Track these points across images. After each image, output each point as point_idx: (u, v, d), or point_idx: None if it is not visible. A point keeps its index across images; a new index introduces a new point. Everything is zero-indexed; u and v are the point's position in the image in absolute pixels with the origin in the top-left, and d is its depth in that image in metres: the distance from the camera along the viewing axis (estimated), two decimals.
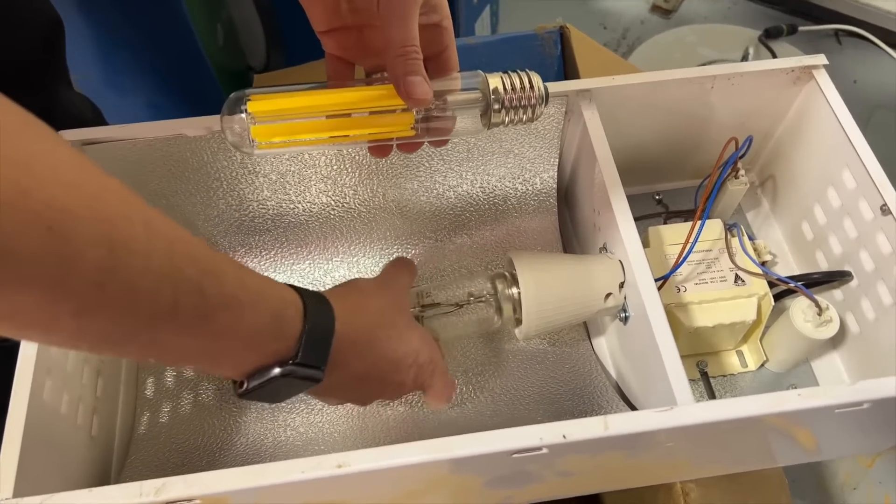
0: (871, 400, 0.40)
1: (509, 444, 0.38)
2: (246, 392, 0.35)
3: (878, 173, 0.49)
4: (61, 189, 0.24)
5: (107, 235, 0.25)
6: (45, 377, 0.42)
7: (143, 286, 0.26)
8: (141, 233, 0.26)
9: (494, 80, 0.41)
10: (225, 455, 0.50)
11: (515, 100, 0.41)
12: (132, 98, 0.94)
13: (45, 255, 0.23)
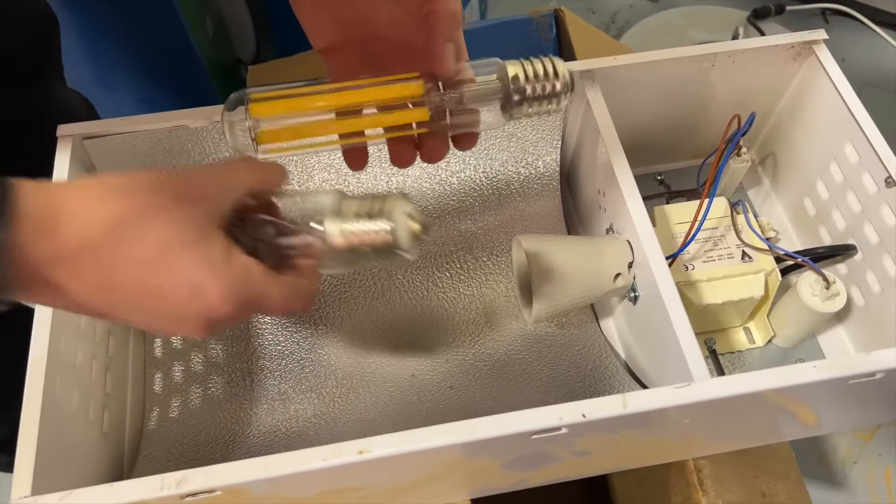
0: (885, 370, 0.40)
1: (529, 425, 0.38)
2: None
3: (881, 146, 0.49)
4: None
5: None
6: (56, 374, 0.41)
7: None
8: None
9: (514, 67, 0.39)
10: (238, 447, 0.50)
11: (539, 88, 0.39)
12: (123, 93, 0.94)
13: None
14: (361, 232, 0.35)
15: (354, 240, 0.36)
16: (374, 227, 0.35)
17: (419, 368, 0.53)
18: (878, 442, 0.90)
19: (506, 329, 0.56)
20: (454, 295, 0.57)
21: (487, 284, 0.57)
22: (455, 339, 0.55)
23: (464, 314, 0.56)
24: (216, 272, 0.31)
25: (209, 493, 0.37)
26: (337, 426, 0.50)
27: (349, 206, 0.36)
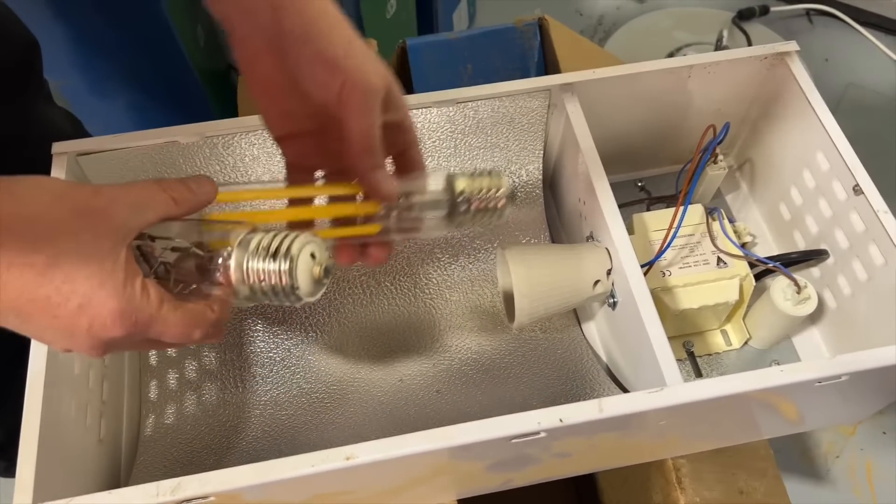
0: (850, 372, 0.42)
1: (508, 430, 0.39)
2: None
3: (849, 155, 0.51)
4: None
5: None
6: (55, 383, 0.43)
7: None
8: None
9: (461, 182, 0.41)
10: (231, 452, 0.52)
11: (482, 202, 0.41)
12: (114, 101, 0.95)
13: None
14: (260, 269, 0.35)
15: (252, 276, 0.35)
16: (273, 267, 0.35)
17: (406, 374, 0.55)
18: (860, 437, 0.92)
19: (491, 334, 0.57)
20: (441, 301, 0.58)
21: (473, 290, 0.59)
22: (441, 345, 0.57)
23: (450, 320, 0.58)
24: (109, 289, 0.31)
25: (203, 499, 0.38)
26: (327, 431, 0.52)
27: (257, 241, 0.35)
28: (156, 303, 0.33)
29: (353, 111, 0.36)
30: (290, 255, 0.35)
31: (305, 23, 0.36)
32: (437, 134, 0.56)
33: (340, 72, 0.36)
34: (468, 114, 0.55)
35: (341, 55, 0.36)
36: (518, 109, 0.55)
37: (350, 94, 0.36)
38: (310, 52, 0.36)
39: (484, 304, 0.58)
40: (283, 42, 0.36)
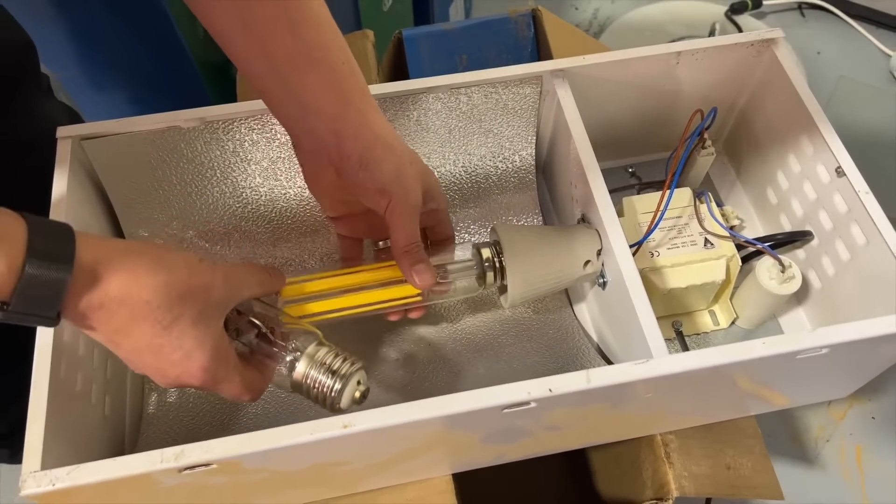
0: (829, 345, 0.43)
1: (500, 400, 0.41)
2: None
3: (832, 139, 0.52)
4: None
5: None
6: (61, 358, 0.44)
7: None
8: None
9: (486, 250, 0.52)
10: (232, 430, 0.53)
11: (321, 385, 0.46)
12: (115, 94, 0.96)
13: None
14: (317, 380, 0.44)
15: (309, 381, 0.44)
16: (328, 382, 0.44)
17: (403, 352, 0.56)
18: (850, 421, 0.94)
19: (485, 314, 0.59)
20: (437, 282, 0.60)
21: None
22: (438, 324, 0.58)
23: (446, 300, 0.59)
24: (205, 349, 0.40)
25: (206, 467, 0.40)
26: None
27: (322, 354, 0.45)
28: (232, 367, 0.42)
29: (397, 223, 0.45)
30: (344, 377, 0.44)
31: (361, 149, 0.44)
32: (432, 121, 0.57)
33: (388, 194, 0.44)
34: (462, 100, 0.56)
35: (389, 181, 0.44)
36: (511, 95, 0.57)
37: (394, 210, 0.45)
38: (364, 177, 0.44)
39: (472, 282, 0.60)
40: (342, 163, 0.44)
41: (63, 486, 0.38)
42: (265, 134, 0.55)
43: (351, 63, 0.45)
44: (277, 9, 0.41)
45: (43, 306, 0.34)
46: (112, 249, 0.37)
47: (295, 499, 0.50)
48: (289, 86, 0.43)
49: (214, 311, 0.41)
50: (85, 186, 0.53)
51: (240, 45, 0.43)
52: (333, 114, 0.43)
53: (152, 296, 0.37)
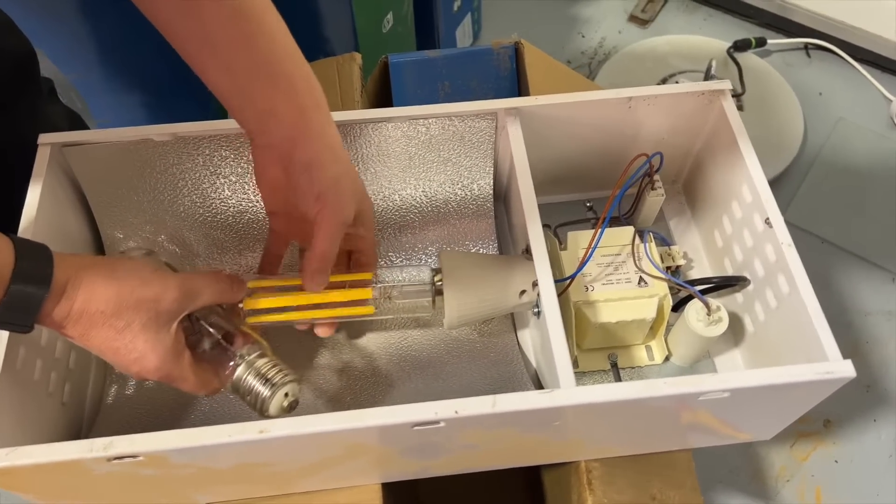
0: (730, 389, 0.45)
1: (409, 417, 0.44)
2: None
3: (764, 190, 0.54)
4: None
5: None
6: (20, 346, 0.48)
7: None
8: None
9: (427, 275, 0.56)
10: (183, 423, 0.57)
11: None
12: (125, 98, 1.01)
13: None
14: (250, 388, 0.49)
15: (242, 387, 0.49)
16: (260, 389, 0.49)
17: (346, 360, 0.60)
18: (813, 463, 0.95)
19: (432, 333, 0.62)
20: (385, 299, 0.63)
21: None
22: (386, 338, 0.62)
23: (397, 316, 0.62)
24: (157, 351, 0.45)
25: (133, 458, 0.43)
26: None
27: (260, 364, 0.49)
28: (185, 367, 0.47)
29: (321, 232, 0.49)
30: (275, 386, 0.49)
31: (310, 156, 0.48)
32: (392, 147, 0.61)
33: (322, 201, 0.48)
34: (420, 130, 0.60)
35: (326, 189, 0.48)
36: (468, 129, 0.60)
37: (323, 219, 0.48)
38: (305, 179, 0.48)
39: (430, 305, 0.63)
40: (290, 165, 0.48)
41: (1, 466, 0.42)
42: (234, 150, 0.59)
43: (309, 81, 0.48)
44: (235, 30, 0.45)
45: (21, 317, 0.41)
46: (78, 267, 0.43)
47: (227, 494, 0.54)
48: (249, 97, 0.47)
49: (164, 317, 0.46)
50: (66, 189, 0.58)
51: (208, 64, 0.46)
52: (290, 123, 0.47)
53: (105, 306, 0.43)
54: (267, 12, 0.46)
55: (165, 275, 0.46)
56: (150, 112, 1.03)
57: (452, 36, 1.25)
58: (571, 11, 1.41)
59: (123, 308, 0.43)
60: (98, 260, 0.45)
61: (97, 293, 0.43)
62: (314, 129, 0.48)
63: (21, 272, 0.40)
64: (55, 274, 0.41)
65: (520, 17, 1.40)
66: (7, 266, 0.40)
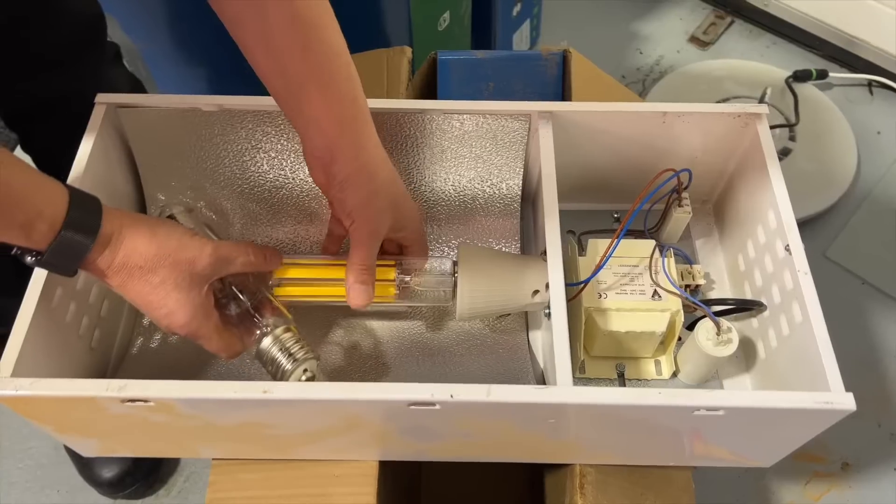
0: (724, 407, 0.46)
1: (406, 395, 0.46)
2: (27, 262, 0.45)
3: (788, 217, 0.54)
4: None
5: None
6: (57, 287, 0.52)
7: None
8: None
9: (446, 266, 0.58)
10: (199, 379, 0.59)
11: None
12: (186, 70, 1.05)
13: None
14: (273, 358, 0.52)
15: (267, 357, 0.52)
16: (280, 363, 0.52)
17: (360, 340, 0.62)
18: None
19: (445, 323, 0.63)
20: (410, 288, 0.65)
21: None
22: (401, 324, 0.63)
23: (416, 305, 0.64)
24: (185, 309, 0.48)
25: (144, 402, 0.46)
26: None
27: (285, 337, 0.52)
28: (211, 328, 0.50)
29: (354, 244, 0.53)
30: (296, 361, 0.51)
31: (345, 173, 0.51)
32: (426, 139, 0.62)
33: (352, 218, 0.52)
34: (455, 125, 0.61)
35: (356, 208, 0.51)
36: (501, 128, 0.61)
37: (355, 232, 0.52)
38: (339, 197, 0.52)
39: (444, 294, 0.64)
40: (328, 178, 0.51)
41: (24, 394, 0.45)
42: (275, 127, 0.62)
43: (354, 93, 0.51)
44: (293, 34, 0.47)
45: (66, 262, 0.45)
46: (123, 223, 0.46)
47: (231, 452, 0.56)
48: (298, 102, 0.50)
49: (196, 278, 0.49)
50: (116, 147, 0.61)
51: (262, 63, 0.49)
52: (331, 134, 0.50)
53: (144, 262, 0.47)
54: (325, 19, 0.49)
55: (203, 240, 0.50)
56: (209, 86, 1.07)
57: (509, 40, 1.27)
58: (632, 27, 1.41)
59: (160, 266, 0.47)
60: (142, 218, 0.49)
61: (138, 249, 0.46)
62: (349, 147, 0.50)
63: (72, 220, 0.44)
64: (102, 226, 0.45)
65: (580, 28, 1.40)
66: (60, 213, 0.43)
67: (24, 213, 0.42)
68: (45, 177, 0.44)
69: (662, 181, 0.57)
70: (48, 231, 0.43)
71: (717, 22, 1.40)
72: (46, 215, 0.43)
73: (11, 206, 0.42)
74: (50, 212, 0.43)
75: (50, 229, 0.43)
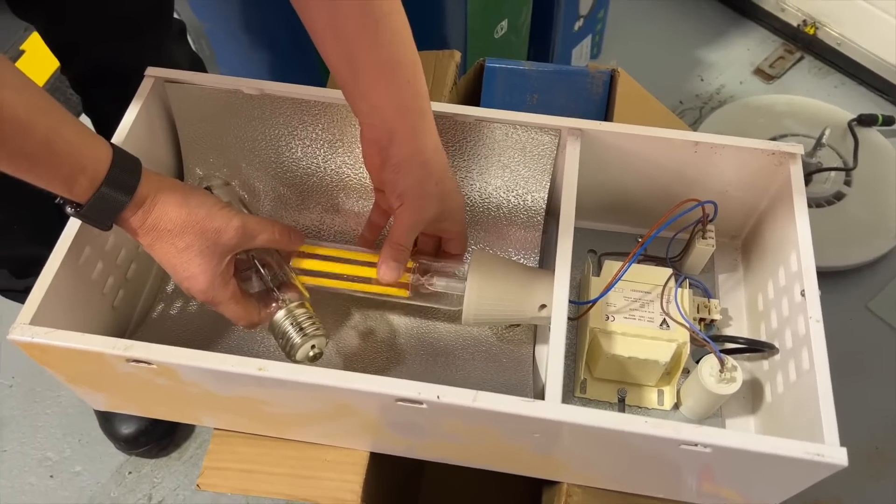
0: (710, 444, 0.45)
1: (393, 391, 0.46)
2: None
3: (808, 261, 0.53)
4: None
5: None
6: (86, 245, 0.54)
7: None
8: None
9: (458, 270, 0.59)
10: (212, 349, 0.61)
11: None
12: (247, 53, 1.09)
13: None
14: (284, 331, 0.54)
15: (279, 329, 0.54)
16: (290, 335, 0.54)
17: (373, 330, 0.63)
18: None
19: (454, 327, 0.64)
20: (427, 290, 0.65)
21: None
22: (412, 320, 0.64)
23: (428, 304, 0.65)
24: (206, 276, 0.51)
25: (147, 365, 0.48)
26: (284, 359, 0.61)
27: (298, 313, 0.55)
28: (228, 295, 0.53)
29: (398, 225, 0.54)
30: (306, 336, 0.54)
31: (400, 158, 0.52)
32: (457, 143, 0.63)
33: (401, 199, 0.53)
34: (485, 132, 0.62)
35: (407, 190, 0.53)
36: (530, 140, 0.62)
37: (401, 214, 0.54)
38: (392, 178, 0.53)
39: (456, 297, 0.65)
40: (385, 160, 0.52)
41: (39, 342, 0.48)
42: (312, 116, 0.64)
43: (417, 83, 0.52)
44: (362, 25, 0.48)
45: (103, 216, 0.48)
46: (158, 187, 0.49)
47: (228, 423, 0.58)
48: (363, 88, 0.51)
49: (220, 248, 0.51)
50: (160, 118, 0.64)
51: (330, 48, 0.50)
52: (392, 121, 0.51)
53: (173, 227, 0.49)
54: (394, 8, 0.49)
55: (231, 212, 0.52)
56: (267, 71, 1.11)
57: (568, 54, 1.27)
58: (697, 53, 1.39)
59: (187, 232, 0.50)
60: (178, 185, 0.51)
61: (169, 214, 0.49)
62: (408, 133, 0.51)
63: (112, 178, 0.47)
64: (139, 187, 0.48)
65: (643, 48, 1.39)
66: (102, 170, 0.46)
67: (69, 165, 0.45)
68: (93, 134, 0.47)
69: (684, 210, 0.56)
70: (89, 186, 0.46)
71: (786, 56, 1.36)
72: (89, 171, 0.46)
73: (58, 157, 0.45)
74: (93, 168, 0.46)
75: (91, 185, 0.46)
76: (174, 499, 0.98)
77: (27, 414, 1.04)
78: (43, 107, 0.44)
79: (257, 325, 0.56)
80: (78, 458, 1.01)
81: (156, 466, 1.01)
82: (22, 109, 0.42)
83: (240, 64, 1.10)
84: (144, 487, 0.99)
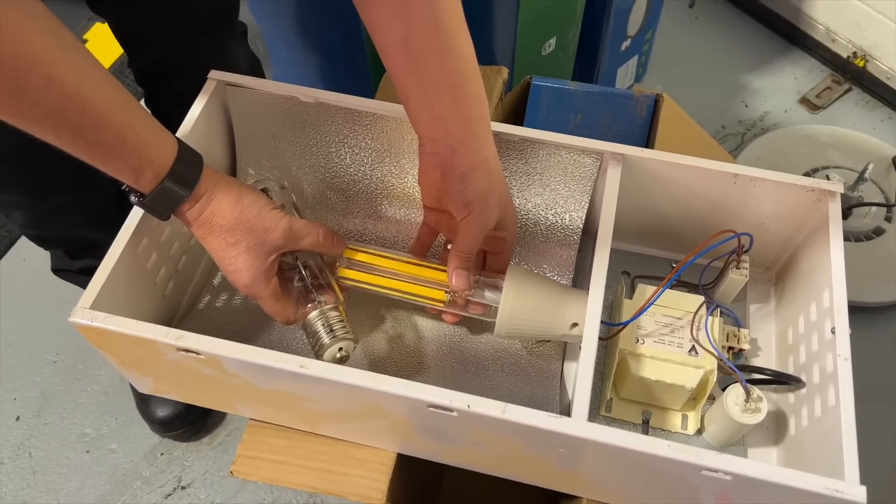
0: (732, 473, 0.46)
1: (426, 397, 0.48)
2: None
3: (840, 299, 0.54)
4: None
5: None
6: (144, 236, 0.57)
7: (34, 116, 0.43)
8: (44, 83, 0.41)
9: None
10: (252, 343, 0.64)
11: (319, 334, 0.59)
12: (301, 57, 1.12)
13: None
14: (315, 330, 0.57)
15: (311, 328, 0.58)
16: (320, 336, 0.57)
17: (405, 335, 0.65)
18: None
19: (486, 337, 0.66)
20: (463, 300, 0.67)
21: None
22: (445, 328, 0.66)
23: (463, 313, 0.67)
24: (250, 272, 0.54)
25: (196, 354, 0.51)
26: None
27: (331, 315, 0.58)
28: (269, 292, 0.56)
29: (465, 233, 0.56)
30: (335, 338, 0.56)
31: (466, 167, 0.53)
32: (500, 158, 0.65)
33: (469, 208, 0.54)
34: (528, 151, 0.64)
35: (475, 198, 0.54)
36: (572, 161, 0.63)
37: (468, 222, 0.55)
38: (459, 188, 0.54)
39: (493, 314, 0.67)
40: (448, 172, 0.54)
41: (97, 325, 0.51)
42: (362, 126, 0.66)
43: (481, 95, 0.54)
44: (432, 40, 0.50)
45: (163, 207, 0.51)
46: (216, 185, 0.53)
47: (265, 415, 0.61)
48: (428, 102, 0.52)
49: (266, 247, 0.54)
50: (219, 119, 0.67)
51: (398, 63, 0.52)
52: (456, 133, 0.53)
53: (225, 223, 0.53)
54: (460, 25, 0.51)
55: (280, 214, 0.55)
56: (319, 76, 1.14)
57: (614, 74, 1.28)
58: (742, 78, 1.38)
59: (238, 229, 0.53)
60: (233, 183, 0.54)
61: (223, 210, 0.53)
62: (473, 143, 0.53)
63: (175, 172, 0.50)
64: (199, 183, 0.51)
65: (689, 71, 1.39)
66: (167, 164, 0.50)
67: (138, 158, 0.48)
68: (162, 128, 0.50)
69: (719, 241, 0.57)
70: (153, 178, 0.49)
71: (833, 87, 1.36)
72: (155, 164, 0.49)
73: (129, 150, 0.48)
74: (159, 162, 0.49)
75: (155, 177, 0.49)
76: (202, 483, 1.02)
77: (69, 390, 1.09)
78: (119, 101, 0.47)
79: (293, 322, 0.59)
80: (114, 437, 1.05)
81: (187, 450, 1.04)
82: (101, 103, 0.45)
83: (292, 66, 1.14)
84: (175, 469, 1.03)
